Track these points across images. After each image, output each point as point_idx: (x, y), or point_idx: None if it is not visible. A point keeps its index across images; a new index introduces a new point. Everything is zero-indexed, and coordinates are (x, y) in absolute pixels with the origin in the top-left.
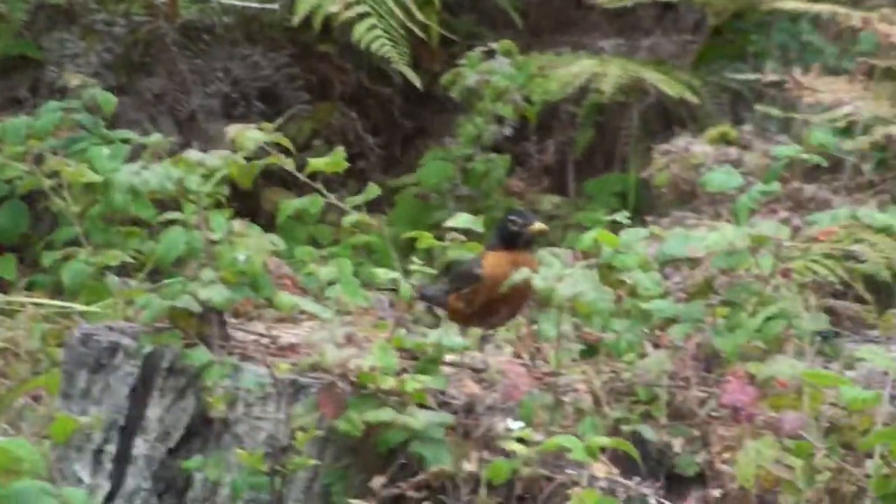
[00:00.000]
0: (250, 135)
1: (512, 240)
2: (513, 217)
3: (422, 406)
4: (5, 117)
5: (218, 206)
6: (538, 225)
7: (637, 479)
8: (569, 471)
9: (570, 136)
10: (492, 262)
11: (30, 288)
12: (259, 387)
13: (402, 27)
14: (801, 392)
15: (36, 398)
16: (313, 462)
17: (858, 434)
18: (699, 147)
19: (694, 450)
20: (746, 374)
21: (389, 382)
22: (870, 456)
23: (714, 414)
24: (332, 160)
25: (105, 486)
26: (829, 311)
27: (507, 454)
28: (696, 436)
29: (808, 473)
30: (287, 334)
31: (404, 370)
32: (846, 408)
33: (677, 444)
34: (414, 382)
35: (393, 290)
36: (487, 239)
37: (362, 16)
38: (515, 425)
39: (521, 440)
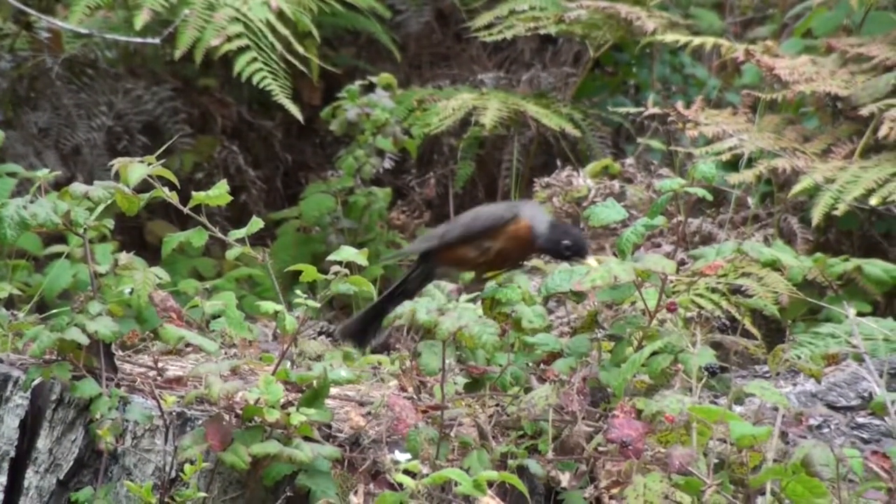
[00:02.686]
0: (135, 168)
1: (554, 254)
2: (567, 243)
3: (308, 439)
4: None
5: (103, 239)
6: (591, 261)
7: None
8: None
9: (450, 169)
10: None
11: None
12: (146, 419)
13: (282, 60)
14: (689, 427)
15: None
16: (201, 494)
17: (748, 470)
18: (581, 180)
19: (582, 485)
20: (634, 409)
21: (275, 415)
22: (761, 493)
23: (601, 449)
24: (216, 193)
25: None
26: (717, 345)
27: (394, 487)
28: (583, 470)
29: None
30: (173, 367)
31: (290, 403)
32: (735, 444)
33: (564, 479)
34: (299, 416)
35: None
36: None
37: (243, 49)
38: (402, 457)
39: (408, 473)
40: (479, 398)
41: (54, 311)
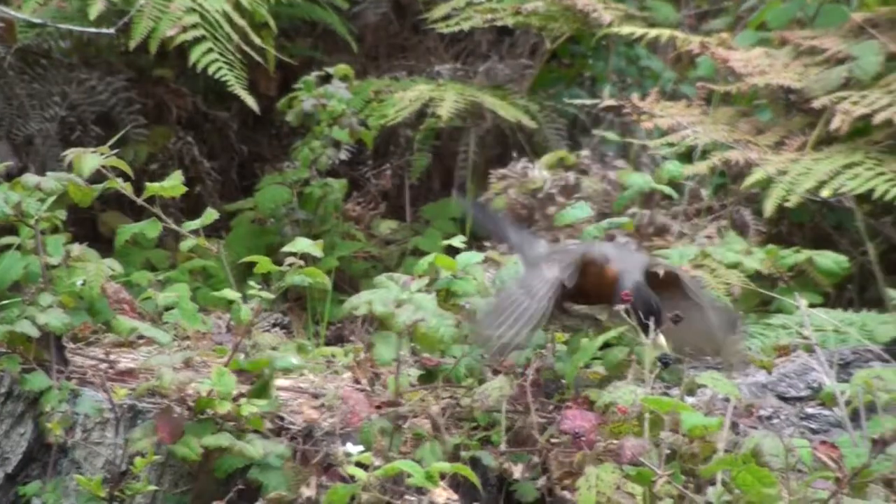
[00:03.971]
0: (88, 159)
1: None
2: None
3: (259, 431)
4: None
5: (55, 230)
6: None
7: None
8: (409, 496)
9: (406, 160)
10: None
11: None
12: (97, 412)
13: (238, 51)
14: (642, 419)
15: None
16: (152, 487)
17: (700, 461)
18: (536, 172)
19: (534, 476)
20: (587, 400)
21: (227, 407)
22: (712, 483)
23: (554, 440)
24: (170, 184)
25: None
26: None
27: (347, 479)
28: (536, 462)
29: (650, 500)
30: (125, 359)
31: (242, 395)
32: (687, 434)
33: (517, 471)
34: (249, 406)
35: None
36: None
37: (198, 40)
38: (355, 450)
39: (360, 465)
40: (432, 390)
41: (4, 302)
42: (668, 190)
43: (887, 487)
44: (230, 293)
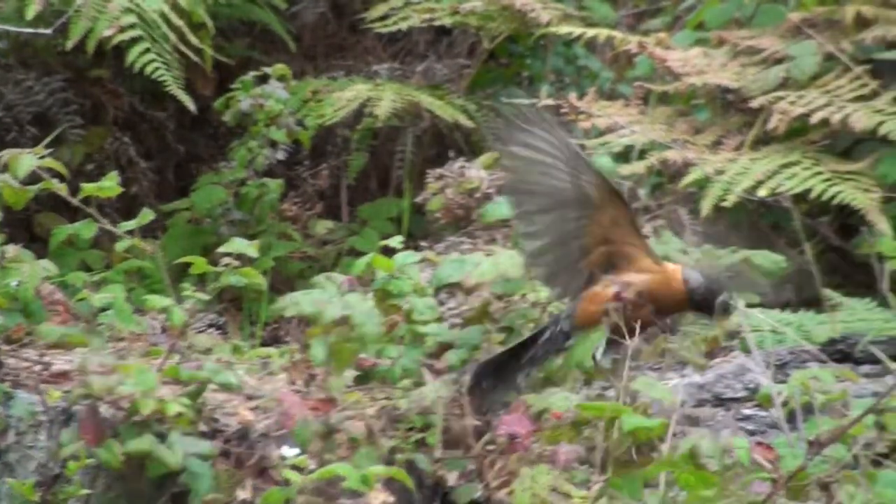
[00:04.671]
0: (24, 160)
1: (702, 303)
2: (724, 300)
3: (188, 434)
4: None
5: None
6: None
7: None
8: (344, 500)
9: (344, 160)
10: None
11: None
12: (30, 415)
13: (175, 51)
14: (577, 424)
15: None
16: (85, 491)
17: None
18: (474, 171)
19: (470, 479)
20: (525, 404)
21: (149, 406)
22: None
23: (490, 446)
24: (106, 185)
25: None
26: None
27: (282, 482)
28: (471, 469)
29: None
30: (60, 361)
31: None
32: (629, 437)
33: (452, 478)
34: (175, 406)
35: None
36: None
37: (136, 40)
38: (291, 453)
39: (296, 468)
40: (368, 391)
41: None
42: None
43: (823, 490)
44: (161, 300)
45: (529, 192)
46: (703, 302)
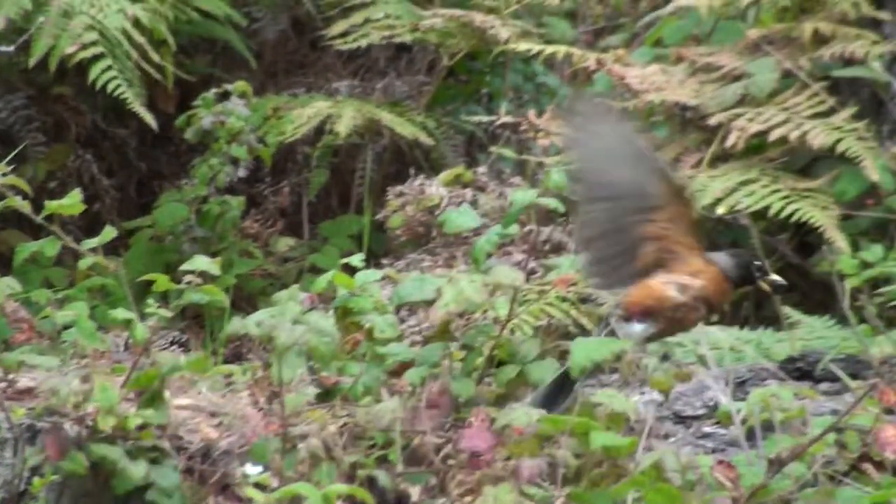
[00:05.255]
0: None
1: (743, 280)
2: (757, 263)
3: (157, 448)
4: None
5: None
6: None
7: None
8: None
9: (305, 177)
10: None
11: None
12: None
13: (137, 69)
14: (539, 438)
15: None
16: None
17: (611, 481)
18: (434, 188)
19: (432, 495)
20: (488, 418)
21: (111, 421)
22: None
23: (452, 460)
24: (69, 202)
25: None
26: (565, 354)
27: (244, 500)
28: (433, 483)
29: None
30: (24, 378)
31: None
32: (600, 453)
33: (414, 493)
34: (136, 418)
35: None
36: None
37: (98, 57)
38: (253, 470)
39: (258, 486)
40: (330, 408)
41: None
42: (553, 203)
43: None
44: (125, 314)
45: (595, 181)
46: (741, 278)
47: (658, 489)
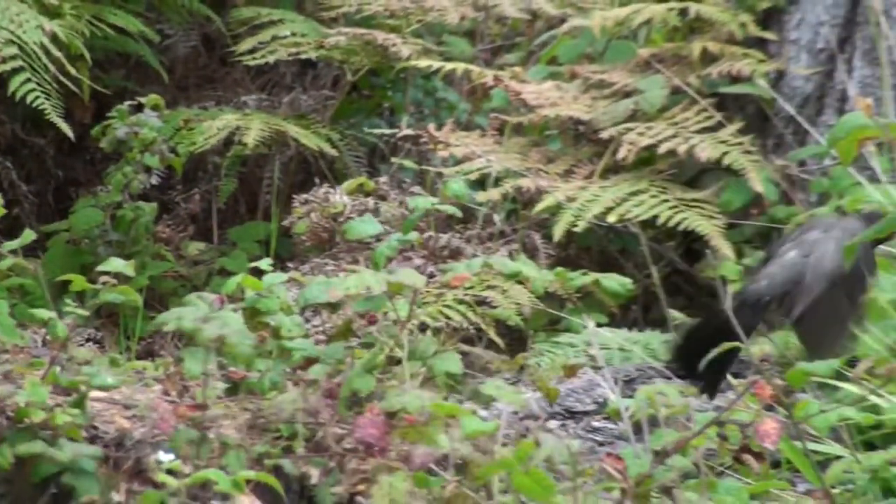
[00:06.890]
0: None
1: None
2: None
3: (73, 440)
4: None
5: None
6: None
7: None
8: (215, 502)
9: (214, 185)
10: None
11: None
12: None
13: (55, 81)
14: (430, 424)
15: None
16: None
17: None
18: (337, 197)
19: (332, 482)
20: (383, 411)
21: (40, 416)
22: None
23: (349, 448)
24: None
25: None
26: (463, 354)
27: (157, 486)
28: (332, 467)
29: None
30: None
31: (58, 405)
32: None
33: (315, 475)
34: (63, 416)
35: None
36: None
37: (17, 70)
38: (166, 458)
39: (170, 472)
40: (238, 401)
41: None
42: (451, 210)
43: (666, 495)
44: (44, 312)
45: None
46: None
47: (531, 473)
